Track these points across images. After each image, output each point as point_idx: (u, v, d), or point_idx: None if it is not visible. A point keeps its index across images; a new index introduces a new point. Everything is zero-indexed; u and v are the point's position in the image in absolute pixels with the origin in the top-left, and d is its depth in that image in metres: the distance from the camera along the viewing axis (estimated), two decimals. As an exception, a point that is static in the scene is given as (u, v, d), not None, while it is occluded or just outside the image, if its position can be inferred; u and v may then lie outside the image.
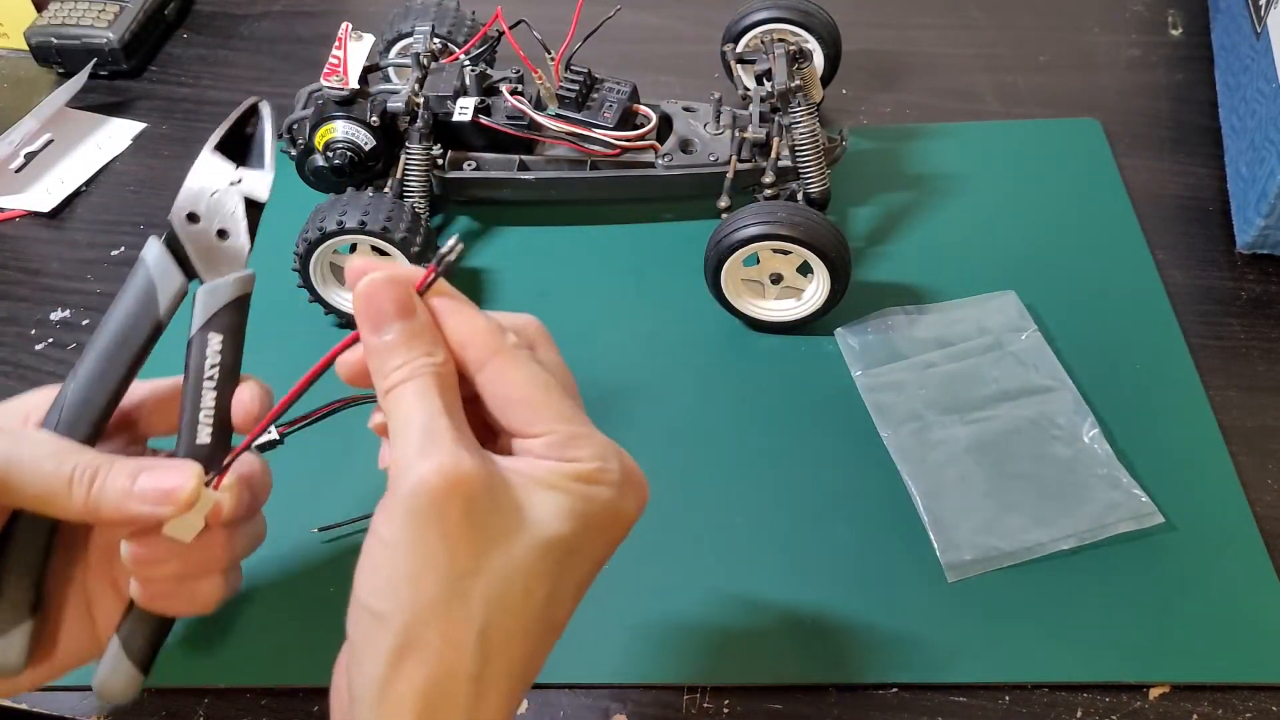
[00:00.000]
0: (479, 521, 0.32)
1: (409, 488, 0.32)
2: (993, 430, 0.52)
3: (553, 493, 0.33)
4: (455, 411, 0.34)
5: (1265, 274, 0.60)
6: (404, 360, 0.34)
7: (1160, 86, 0.73)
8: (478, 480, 0.32)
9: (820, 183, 0.58)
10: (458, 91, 0.61)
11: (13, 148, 0.71)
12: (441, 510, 0.31)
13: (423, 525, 0.31)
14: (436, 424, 0.32)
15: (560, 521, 0.33)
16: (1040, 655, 0.45)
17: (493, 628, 0.32)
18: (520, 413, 0.34)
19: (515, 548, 0.32)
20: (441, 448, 0.32)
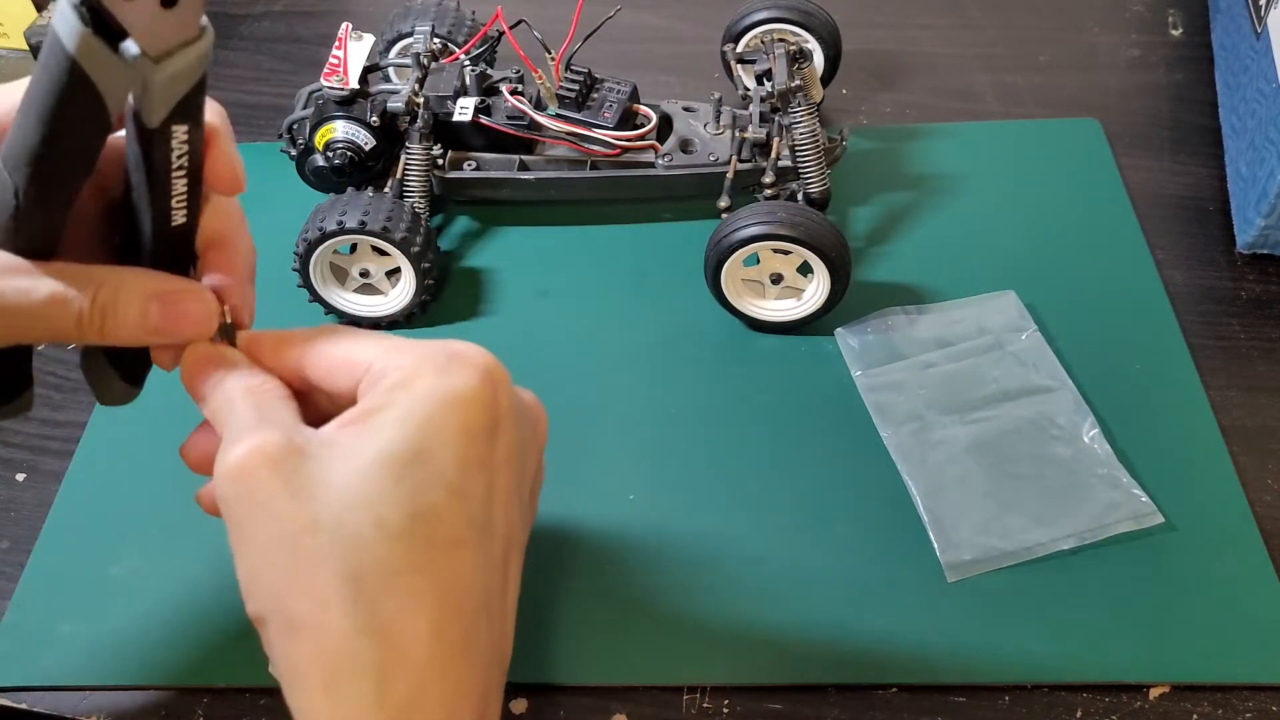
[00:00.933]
0: (295, 482, 0.30)
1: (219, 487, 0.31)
2: (993, 430, 0.52)
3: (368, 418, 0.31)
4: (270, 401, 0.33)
5: (1265, 274, 0.60)
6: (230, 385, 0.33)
7: (1160, 86, 0.73)
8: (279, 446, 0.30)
9: (820, 183, 0.58)
10: (458, 91, 0.61)
11: (13, 148, 0.71)
12: (252, 486, 0.30)
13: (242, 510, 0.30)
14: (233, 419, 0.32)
15: (383, 432, 0.30)
16: (1040, 655, 0.45)
17: (359, 566, 0.29)
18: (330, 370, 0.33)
19: (342, 479, 0.30)
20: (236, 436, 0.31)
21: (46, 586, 0.50)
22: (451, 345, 0.33)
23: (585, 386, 0.57)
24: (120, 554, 0.51)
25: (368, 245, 0.57)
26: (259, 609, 0.30)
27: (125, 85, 0.30)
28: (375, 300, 0.59)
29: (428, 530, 0.30)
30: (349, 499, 0.29)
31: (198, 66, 0.31)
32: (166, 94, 0.31)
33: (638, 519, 0.51)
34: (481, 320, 0.60)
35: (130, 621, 0.48)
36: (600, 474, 0.53)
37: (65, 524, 0.52)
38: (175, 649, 0.47)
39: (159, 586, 0.49)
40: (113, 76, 0.29)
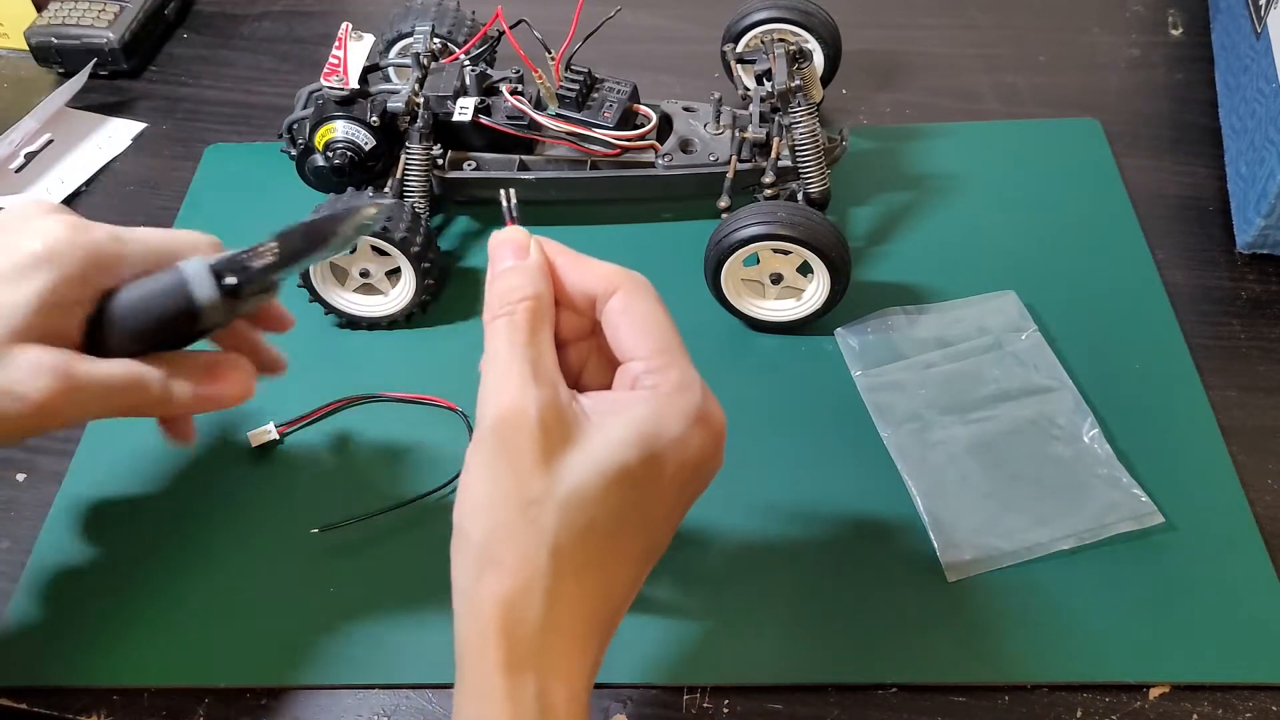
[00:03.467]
0: (546, 452, 0.35)
1: (484, 421, 0.36)
2: (993, 430, 0.52)
3: (623, 422, 0.36)
4: (541, 345, 0.37)
5: (1265, 274, 0.60)
6: (508, 289, 0.38)
7: (1160, 86, 0.73)
8: (547, 413, 0.35)
9: (820, 183, 0.58)
10: (458, 91, 0.61)
11: (13, 148, 0.71)
12: (510, 442, 0.35)
13: (495, 456, 0.35)
14: (513, 361, 0.36)
15: (626, 450, 0.35)
16: (1040, 655, 0.45)
17: (562, 549, 0.34)
18: (630, 337, 0.38)
19: (581, 475, 0.35)
20: (513, 383, 0.36)
21: (46, 586, 0.50)
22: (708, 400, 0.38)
23: (585, 386, 0.57)
24: (120, 554, 0.51)
25: (368, 245, 0.57)
26: (469, 526, 0.35)
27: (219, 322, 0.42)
28: (375, 300, 0.59)
29: (621, 542, 0.36)
30: (580, 492, 0.35)
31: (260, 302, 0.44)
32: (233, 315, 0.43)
33: (638, 519, 0.51)
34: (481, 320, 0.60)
35: (130, 621, 0.48)
36: (600, 474, 0.53)
37: (65, 524, 0.52)
38: (175, 649, 0.47)
39: (158, 587, 0.49)
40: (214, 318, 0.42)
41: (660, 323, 0.38)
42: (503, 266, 0.39)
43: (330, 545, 0.50)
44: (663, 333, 0.38)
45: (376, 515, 0.51)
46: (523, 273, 0.38)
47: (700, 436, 0.37)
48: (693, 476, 0.37)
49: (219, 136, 0.73)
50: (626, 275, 0.39)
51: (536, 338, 0.37)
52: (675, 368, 0.37)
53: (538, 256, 0.39)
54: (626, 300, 0.38)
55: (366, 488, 0.52)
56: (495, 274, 0.39)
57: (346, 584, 0.49)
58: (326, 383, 0.57)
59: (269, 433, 0.54)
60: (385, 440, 0.55)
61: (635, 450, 0.35)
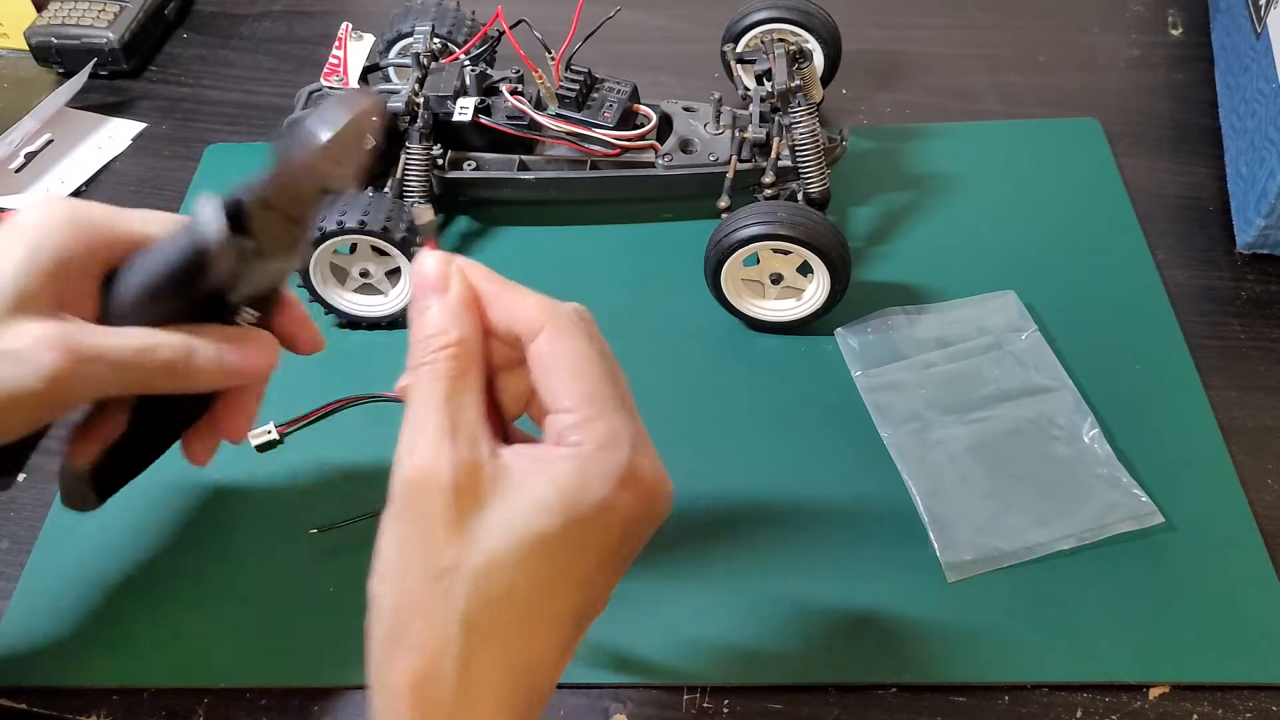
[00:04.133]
0: (459, 516, 0.32)
1: (395, 483, 0.33)
2: (993, 430, 0.52)
3: (543, 483, 0.33)
4: (462, 397, 0.34)
5: (1265, 274, 0.60)
6: (428, 334, 0.35)
7: (1160, 86, 0.73)
8: (461, 475, 0.33)
9: (820, 183, 0.58)
10: (458, 91, 0.61)
11: (13, 148, 0.71)
12: (421, 507, 0.33)
13: (405, 522, 0.33)
14: (429, 416, 0.34)
15: (545, 515, 0.33)
16: (1040, 655, 0.45)
17: (477, 619, 0.32)
18: (555, 387, 0.35)
19: (496, 542, 0.32)
20: (427, 441, 0.33)
21: (46, 586, 0.50)
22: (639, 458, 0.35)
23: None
24: (120, 554, 0.51)
25: (368, 245, 0.57)
26: (380, 596, 0.33)
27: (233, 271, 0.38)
28: (375, 300, 0.59)
29: (545, 608, 0.33)
30: (495, 559, 0.32)
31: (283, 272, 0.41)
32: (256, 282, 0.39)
33: (638, 519, 0.51)
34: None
35: (130, 621, 0.48)
36: (600, 474, 0.53)
37: (65, 524, 0.52)
38: (175, 649, 0.47)
39: (158, 586, 0.49)
40: (226, 265, 0.37)
41: (590, 366, 0.35)
42: (422, 308, 0.35)
43: (330, 545, 0.50)
44: (591, 378, 0.35)
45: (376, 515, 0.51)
46: (444, 314, 0.35)
47: (628, 498, 0.34)
48: (623, 538, 0.35)
49: (219, 136, 0.73)
50: (552, 312, 0.35)
51: (458, 389, 0.34)
52: (602, 420, 0.34)
53: (459, 291, 0.35)
54: (552, 341, 0.35)
55: (366, 488, 0.52)
56: (415, 314, 0.36)
57: (346, 584, 0.49)
58: (326, 383, 0.57)
59: (269, 433, 0.54)
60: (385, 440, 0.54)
61: (555, 515, 0.33)
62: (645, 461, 0.35)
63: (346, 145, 0.35)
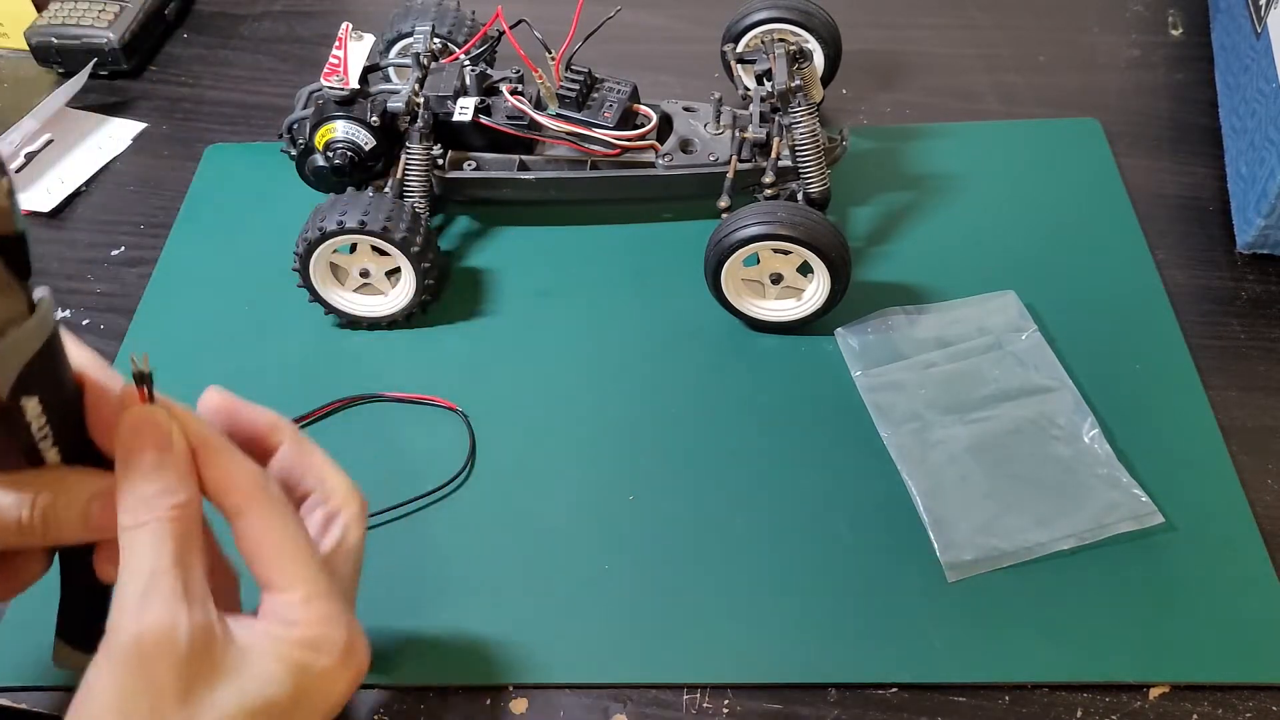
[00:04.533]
0: (188, 681, 0.32)
1: (122, 639, 0.32)
2: (993, 430, 0.52)
3: (273, 660, 0.34)
4: (190, 560, 0.34)
5: (1265, 274, 0.60)
6: (150, 493, 0.33)
7: (1160, 86, 0.73)
8: (197, 639, 0.32)
9: (820, 183, 0.58)
10: (458, 91, 0.61)
11: (13, 148, 0.71)
12: (151, 669, 0.32)
13: (130, 680, 0.32)
14: (161, 575, 0.33)
15: (275, 690, 0.33)
16: (1040, 655, 0.45)
17: None
18: (267, 567, 0.35)
19: (222, 710, 0.32)
20: (161, 600, 0.32)
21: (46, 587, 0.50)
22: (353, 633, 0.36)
23: (585, 386, 0.57)
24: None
25: (368, 245, 0.57)
26: None
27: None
28: (375, 300, 0.59)
29: None
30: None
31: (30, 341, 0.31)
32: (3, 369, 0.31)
33: (638, 519, 0.51)
34: (481, 320, 0.60)
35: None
36: (600, 474, 0.53)
37: (65, 524, 0.52)
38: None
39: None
40: None
41: (296, 547, 0.35)
42: (142, 463, 0.34)
43: (330, 545, 0.50)
44: (300, 560, 0.35)
45: (376, 515, 0.51)
46: (168, 473, 0.34)
47: (345, 673, 0.35)
48: (334, 708, 0.36)
49: (219, 136, 0.73)
50: (259, 489, 0.35)
51: (186, 551, 0.33)
52: (319, 599, 0.35)
53: (182, 449, 0.34)
54: (258, 522, 0.35)
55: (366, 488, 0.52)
56: (134, 470, 0.34)
57: (346, 584, 0.49)
58: (326, 383, 0.57)
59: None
60: (385, 440, 0.55)
61: (286, 690, 0.34)
62: (358, 637, 0.36)
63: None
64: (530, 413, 0.55)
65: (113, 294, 0.64)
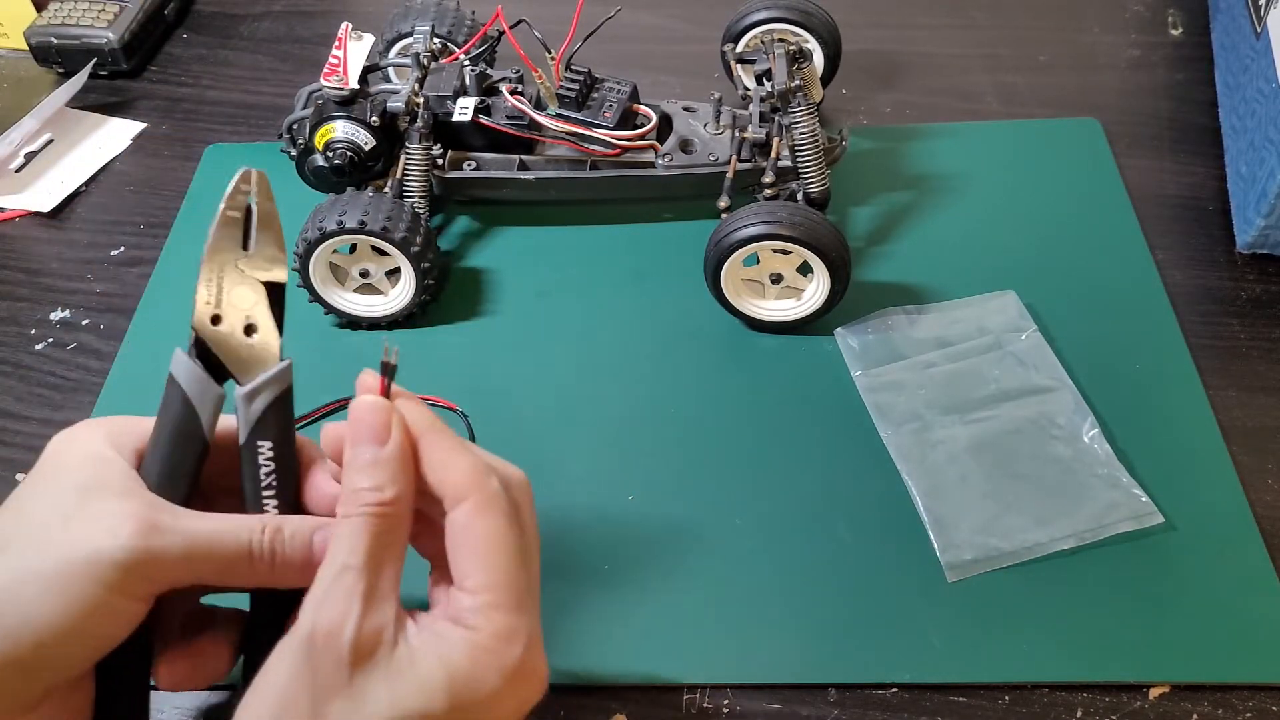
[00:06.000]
0: (350, 683, 0.32)
1: (299, 629, 0.33)
2: (993, 430, 0.52)
3: (435, 663, 0.33)
4: (383, 559, 0.34)
5: (1265, 274, 0.60)
6: (362, 487, 0.34)
7: (1160, 86, 0.73)
8: (365, 640, 0.32)
9: (820, 183, 0.58)
10: (458, 91, 0.61)
11: (13, 148, 0.71)
12: (318, 659, 0.32)
13: (296, 670, 0.32)
14: (347, 572, 0.33)
15: (431, 696, 0.33)
16: (1040, 655, 0.45)
17: None
18: (464, 564, 0.34)
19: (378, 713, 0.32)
20: (340, 597, 0.33)
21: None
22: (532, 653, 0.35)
23: (585, 386, 0.57)
24: (120, 554, 0.50)
25: (368, 245, 0.57)
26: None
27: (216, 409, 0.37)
28: (375, 300, 0.59)
29: None
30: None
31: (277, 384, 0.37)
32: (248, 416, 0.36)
33: (637, 519, 0.51)
34: (481, 320, 0.60)
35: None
36: (600, 474, 0.53)
37: (65, 524, 0.52)
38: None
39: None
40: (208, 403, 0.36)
41: (503, 551, 0.34)
42: (359, 457, 0.34)
43: (330, 545, 0.50)
44: (501, 564, 0.34)
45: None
46: (381, 469, 0.34)
47: (517, 695, 0.34)
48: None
49: (219, 136, 0.73)
50: (481, 483, 0.35)
51: (381, 549, 0.34)
52: (502, 611, 0.34)
53: (398, 445, 0.35)
54: (470, 516, 0.34)
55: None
56: (352, 461, 0.35)
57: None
58: (326, 383, 0.56)
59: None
60: (385, 440, 0.55)
61: (441, 698, 0.33)
62: (537, 658, 0.35)
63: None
64: (530, 413, 0.55)
65: (113, 294, 0.64)
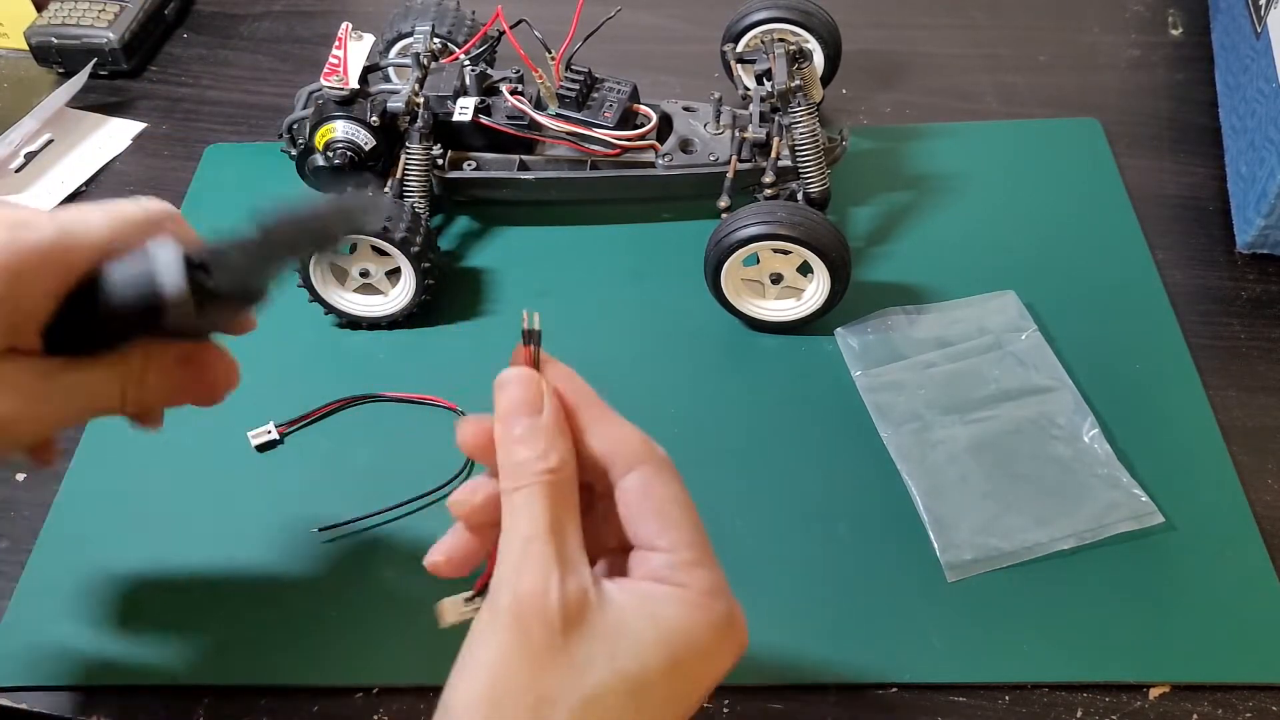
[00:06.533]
0: (565, 648, 0.32)
1: (501, 605, 0.32)
2: (993, 430, 0.52)
3: (647, 622, 0.33)
4: (565, 524, 0.34)
5: (1265, 274, 0.60)
6: (526, 458, 0.34)
7: (1160, 86, 0.73)
8: (571, 602, 0.32)
9: (820, 183, 0.58)
10: (458, 91, 0.61)
11: (13, 148, 0.71)
12: (530, 631, 0.32)
13: (507, 643, 0.32)
14: (535, 540, 0.33)
15: (648, 655, 0.32)
16: (1040, 655, 0.45)
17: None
18: (652, 525, 0.34)
19: (598, 677, 0.32)
20: (536, 565, 0.32)
21: (46, 586, 0.50)
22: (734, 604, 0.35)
23: (585, 386, 0.57)
24: (120, 554, 0.51)
25: (368, 245, 0.57)
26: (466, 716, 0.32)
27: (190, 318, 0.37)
28: (375, 300, 0.59)
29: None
30: (598, 694, 0.32)
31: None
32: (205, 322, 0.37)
33: (638, 519, 0.51)
34: (481, 320, 0.60)
35: (130, 621, 0.48)
36: (600, 474, 0.53)
37: (65, 524, 0.52)
38: (176, 648, 0.47)
39: (159, 586, 0.49)
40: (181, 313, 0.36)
41: (685, 511, 0.35)
42: (516, 430, 0.35)
43: (330, 545, 0.50)
44: (689, 524, 0.35)
45: (376, 515, 0.51)
46: (541, 438, 0.34)
47: (729, 647, 0.34)
48: (710, 686, 0.35)
49: (219, 136, 0.73)
50: (650, 450, 0.36)
51: (561, 514, 0.34)
52: (704, 567, 0.34)
53: (553, 413, 0.35)
54: (647, 481, 0.35)
55: (366, 488, 0.52)
56: (507, 436, 0.35)
57: (346, 584, 0.49)
58: (326, 383, 0.57)
59: (269, 433, 0.54)
60: (385, 440, 0.55)
61: (660, 655, 0.32)
62: (739, 612, 0.35)
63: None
64: (530, 413, 0.55)
65: (113, 294, 0.63)
